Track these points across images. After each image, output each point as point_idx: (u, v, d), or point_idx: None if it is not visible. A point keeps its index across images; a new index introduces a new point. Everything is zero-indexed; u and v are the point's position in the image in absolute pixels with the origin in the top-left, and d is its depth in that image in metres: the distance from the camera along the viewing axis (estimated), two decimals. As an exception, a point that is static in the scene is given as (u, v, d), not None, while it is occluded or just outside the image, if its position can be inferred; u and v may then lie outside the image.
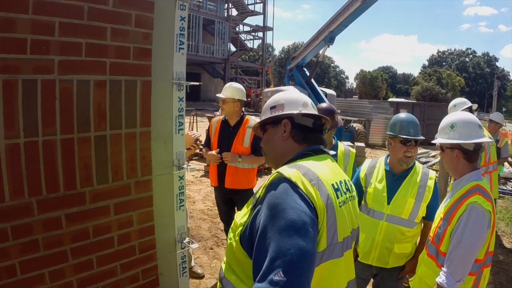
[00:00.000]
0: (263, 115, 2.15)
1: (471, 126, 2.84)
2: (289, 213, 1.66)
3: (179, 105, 2.84)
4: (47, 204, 2.22)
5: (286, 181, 1.76)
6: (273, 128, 2.08)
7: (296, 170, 1.81)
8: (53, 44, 2.14)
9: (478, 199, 2.66)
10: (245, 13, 51.33)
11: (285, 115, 2.04)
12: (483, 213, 2.63)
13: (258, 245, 1.67)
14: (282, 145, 2.04)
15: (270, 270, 1.56)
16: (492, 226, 2.68)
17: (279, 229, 1.63)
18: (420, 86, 64.82)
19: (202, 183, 10.55)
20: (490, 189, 2.81)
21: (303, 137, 2.04)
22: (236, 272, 1.88)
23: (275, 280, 1.53)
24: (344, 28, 14.71)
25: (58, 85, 2.18)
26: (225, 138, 5.20)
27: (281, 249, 1.59)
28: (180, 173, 2.92)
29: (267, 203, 1.72)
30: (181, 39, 2.78)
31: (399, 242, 3.44)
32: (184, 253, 3.05)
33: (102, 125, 2.37)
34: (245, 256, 1.80)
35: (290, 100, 2.10)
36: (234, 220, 1.94)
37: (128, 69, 2.44)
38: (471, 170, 2.84)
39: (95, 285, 2.50)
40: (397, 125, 3.50)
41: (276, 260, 1.57)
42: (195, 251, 6.15)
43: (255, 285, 1.57)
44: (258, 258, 1.64)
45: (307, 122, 2.07)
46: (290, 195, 1.72)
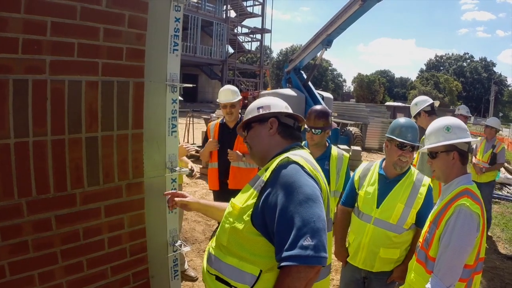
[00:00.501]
0: (249, 115, 2.40)
1: (464, 128, 2.86)
2: (305, 189, 1.94)
3: (173, 107, 2.81)
4: (37, 205, 2.19)
5: (295, 163, 2.05)
6: (260, 125, 2.35)
7: (300, 157, 2.12)
8: (45, 44, 2.12)
9: (466, 201, 2.60)
10: (244, 15, 51.47)
11: (272, 113, 2.34)
12: (471, 215, 2.56)
13: (281, 219, 1.91)
14: (269, 140, 2.32)
15: (298, 237, 1.83)
16: (482, 230, 2.62)
17: (299, 203, 1.90)
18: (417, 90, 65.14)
19: (197, 185, 10.54)
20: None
21: (289, 133, 2.35)
22: (238, 254, 2.06)
23: (305, 245, 1.81)
24: (342, 31, 14.68)
25: (49, 85, 2.15)
26: (226, 141, 5.20)
27: (305, 218, 1.86)
28: (172, 176, 2.90)
29: (282, 182, 1.98)
30: (175, 40, 2.76)
31: (385, 246, 3.43)
32: (176, 256, 3.03)
33: (93, 126, 2.34)
34: (257, 234, 2.01)
35: (275, 103, 2.40)
36: (233, 205, 2.18)
37: (121, 70, 2.42)
38: (462, 174, 2.79)
39: (85, 287, 2.47)
40: (396, 129, 3.52)
41: (302, 229, 1.84)
42: (188, 254, 6.13)
43: (285, 254, 1.83)
44: (283, 231, 1.89)
45: (289, 122, 2.39)
46: (301, 174, 2.01)
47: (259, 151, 2.36)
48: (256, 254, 2.02)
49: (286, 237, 1.86)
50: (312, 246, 1.82)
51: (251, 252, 2.03)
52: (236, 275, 2.05)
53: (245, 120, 2.42)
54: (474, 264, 2.65)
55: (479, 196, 2.70)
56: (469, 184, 2.75)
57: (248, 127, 2.43)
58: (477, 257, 2.66)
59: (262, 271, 2.00)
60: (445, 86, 72.77)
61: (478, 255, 2.66)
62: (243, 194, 2.20)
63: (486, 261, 6.89)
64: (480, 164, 8.36)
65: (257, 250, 2.02)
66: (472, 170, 8.52)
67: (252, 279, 2.00)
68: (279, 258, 1.87)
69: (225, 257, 2.12)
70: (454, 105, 62.72)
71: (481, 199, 2.69)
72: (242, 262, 2.04)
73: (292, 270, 1.83)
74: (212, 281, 2.19)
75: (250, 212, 2.04)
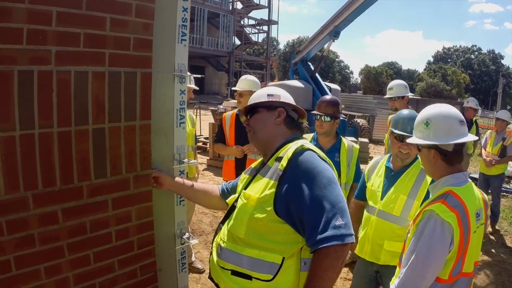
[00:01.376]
0: (258, 99, 2.44)
1: (450, 122, 2.47)
2: (326, 173, 2.06)
3: (181, 98, 2.77)
4: (43, 199, 2.15)
5: (310, 151, 2.15)
6: (267, 112, 2.40)
7: (312, 145, 2.24)
8: (50, 34, 2.07)
9: (438, 208, 2.31)
10: (250, 7, 51.28)
11: (282, 103, 2.40)
12: (442, 225, 2.26)
13: (309, 204, 1.98)
14: (275, 128, 2.37)
15: (330, 219, 1.93)
16: (460, 242, 2.29)
17: (324, 186, 2.00)
18: (425, 83, 64.85)
19: (204, 176, 10.53)
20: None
21: (294, 125, 2.42)
22: (258, 245, 2.10)
23: (338, 224, 1.92)
24: (349, 23, 14.61)
25: (55, 76, 2.10)
26: (243, 132, 5.14)
27: (333, 200, 1.97)
28: (180, 167, 2.87)
29: (303, 168, 2.07)
30: (183, 30, 2.71)
31: (389, 239, 3.40)
32: (183, 249, 3.00)
33: (100, 117, 2.29)
34: (280, 222, 2.07)
35: (284, 94, 2.47)
36: (248, 196, 2.19)
37: (128, 61, 2.37)
38: (451, 172, 2.49)
39: (92, 281, 2.44)
40: (399, 121, 3.50)
41: (332, 210, 1.95)
42: (195, 246, 6.12)
43: (319, 236, 1.91)
44: (313, 215, 1.96)
45: (294, 115, 2.46)
46: (319, 160, 2.12)
47: (262, 137, 2.40)
48: (278, 242, 2.07)
49: (317, 220, 1.94)
50: (344, 225, 1.94)
51: (273, 241, 2.07)
52: (258, 266, 2.07)
53: (253, 103, 2.44)
54: (450, 279, 2.36)
55: (463, 200, 2.35)
56: (455, 186, 2.43)
57: (253, 111, 2.46)
58: (456, 272, 2.36)
59: (285, 258, 2.04)
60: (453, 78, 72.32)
61: (456, 269, 2.36)
62: (256, 185, 2.24)
63: (494, 255, 6.88)
64: (490, 156, 8.28)
65: (279, 238, 2.07)
66: (481, 162, 8.45)
67: (275, 268, 2.04)
68: (314, 241, 1.94)
69: (243, 250, 2.13)
70: (462, 97, 62.42)
71: (465, 205, 2.34)
72: (263, 252, 2.08)
73: (330, 250, 1.91)
74: (227, 276, 2.18)
75: (272, 201, 2.08)
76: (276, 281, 2.03)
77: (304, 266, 2.06)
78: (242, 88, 5.10)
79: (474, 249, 2.42)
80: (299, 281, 2.05)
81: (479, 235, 2.46)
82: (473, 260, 2.47)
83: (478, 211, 2.43)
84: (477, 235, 2.43)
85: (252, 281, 2.08)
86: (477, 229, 2.41)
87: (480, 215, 2.45)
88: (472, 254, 2.42)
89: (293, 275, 2.04)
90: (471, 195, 2.45)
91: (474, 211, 2.38)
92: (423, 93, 59.21)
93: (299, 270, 2.05)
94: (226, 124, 5.33)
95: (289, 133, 2.39)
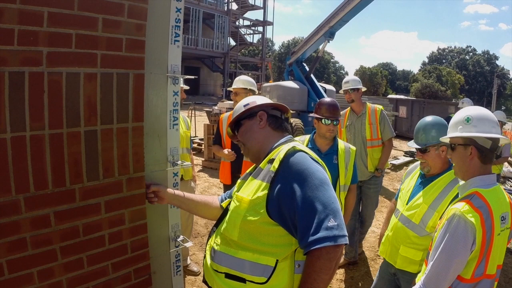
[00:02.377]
0: (237, 113, 2.46)
1: (491, 119, 2.56)
2: (318, 174, 2.04)
3: (174, 99, 2.75)
4: (35, 202, 2.13)
5: (302, 152, 2.13)
6: (249, 121, 2.42)
7: (304, 146, 2.24)
8: (41, 35, 2.04)
9: (463, 207, 2.36)
10: (245, 7, 51.28)
11: (259, 106, 2.41)
12: (465, 224, 2.31)
13: (301, 206, 1.97)
14: (261, 133, 2.38)
15: (322, 220, 1.92)
16: (482, 243, 2.33)
17: (316, 187, 1.99)
18: (419, 83, 65.01)
19: (199, 178, 10.50)
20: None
21: (278, 125, 2.41)
22: (251, 247, 2.09)
23: (330, 226, 1.91)
24: (344, 23, 14.60)
25: (46, 78, 2.08)
26: None
27: (325, 201, 1.96)
28: (174, 170, 2.84)
29: (295, 170, 2.05)
30: (176, 31, 2.69)
31: (405, 245, 3.35)
32: (178, 252, 2.98)
33: (92, 119, 2.27)
34: (273, 224, 2.06)
35: (260, 98, 2.49)
36: (240, 198, 2.18)
37: (120, 62, 2.34)
38: (482, 173, 2.51)
39: (86, 284, 2.42)
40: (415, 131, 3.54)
41: (324, 211, 1.93)
42: (191, 248, 6.09)
43: (311, 238, 1.90)
44: (305, 216, 1.95)
45: (277, 113, 2.46)
46: (311, 161, 2.10)
47: (253, 145, 2.40)
48: (271, 245, 2.06)
49: (309, 222, 1.93)
50: (336, 226, 1.92)
51: (266, 243, 2.06)
52: (251, 268, 2.06)
53: (233, 118, 2.45)
54: (472, 279, 2.41)
55: (488, 202, 2.38)
56: (482, 187, 2.46)
57: (238, 126, 2.47)
58: (479, 272, 2.41)
59: (279, 260, 2.03)
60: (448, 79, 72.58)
61: (479, 270, 2.40)
62: (248, 187, 2.22)
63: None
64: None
65: (273, 240, 2.06)
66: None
67: (269, 271, 2.03)
68: (306, 243, 1.92)
69: (237, 253, 2.12)
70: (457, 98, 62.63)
71: (490, 207, 2.37)
72: (256, 255, 2.06)
73: (322, 252, 1.90)
74: (221, 279, 2.17)
75: (264, 203, 2.07)
76: (270, 284, 2.02)
77: (298, 268, 2.05)
78: (236, 87, 5.11)
79: (497, 251, 2.44)
80: (293, 283, 2.03)
81: (503, 238, 2.46)
82: (496, 263, 2.47)
83: (504, 214, 2.44)
84: (502, 238, 2.44)
85: (246, 284, 2.06)
86: (501, 232, 2.42)
87: (506, 218, 2.46)
88: (496, 256, 2.44)
89: (287, 277, 2.02)
90: (498, 198, 2.47)
91: (499, 213, 2.40)
92: (418, 94, 59.35)
93: (293, 272, 2.04)
94: (223, 125, 5.32)
95: (277, 134, 2.39)
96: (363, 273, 5.95)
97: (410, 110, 23.81)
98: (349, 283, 5.56)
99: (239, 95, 5.10)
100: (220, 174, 5.56)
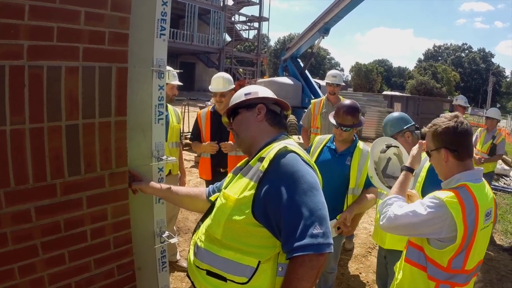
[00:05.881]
0: (236, 100, 2.36)
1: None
2: (307, 178, 1.98)
3: (159, 94, 2.72)
4: (16, 197, 2.11)
5: (293, 153, 2.06)
6: (247, 111, 2.33)
7: (297, 147, 2.15)
8: (22, 28, 2.01)
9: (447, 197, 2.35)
10: (241, 3, 51.13)
11: (260, 98, 2.33)
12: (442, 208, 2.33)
13: (287, 209, 1.92)
14: (257, 126, 2.30)
15: (308, 226, 1.87)
16: (463, 238, 2.32)
17: (304, 192, 1.93)
18: (415, 80, 65.06)
19: (191, 173, 10.49)
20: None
21: (276, 121, 2.34)
22: (234, 247, 2.06)
23: (315, 233, 1.86)
24: (339, 20, 14.54)
25: (27, 71, 2.05)
26: (217, 129, 5.08)
27: (312, 207, 1.91)
28: (159, 165, 2.82)
29: (284, 172, 1.99)
30: (162, 24, 2.65)
31: None
32: (164, 247, 2.96)
33: (74, 113, 2.24)
34: (257, 226, 2.00)
35: (263, 90, 2.39)
36: (227, 196, 2.13)
37: (103, 55, 2.31)
38: (463, 170, 2.51)
39: (68, 280, 2.40)
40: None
41: (310, 217, 1.88)
42: (181, 244, 6.08)
43: (296, 244, 1.86)
44: (290, 221, 1.90)
45: (276, 109, 2.39)
46: (301, 163, 2.03)
47: (246, 137, 2.33)
48: (254, 245, 2.02)
49: (294, 227, 1.89)
50: (322, 234, 1.88)
51: (249, 244, 2.02)
52: (233, 268, 2.03)
53: (231, 105, 2.38)
54: (448, 269, 2.42)
55: (476, 197, 2.38)
56: (472, 182, 2.45)
57: (234, 113, 2.39)
58: (457, 266, 2.41)
59: (261, 262, 1.99)
60: (443, 76, 72.66)
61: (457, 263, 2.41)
62: (236, 185, 2.17)
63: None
64: (479, 154, 8.30)
65: (256, 241, 2.02)
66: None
67: (251, 271, 1.99)
68: (289, 248, 1.89)
69: (219, 251, 2.08)
70: (452, 95, 62.73)
71: (477, 202, 2.37)
72: (239, 254, 2.02)
73: (305, 259, 1.86)
74: (202, 276, 2.14)
75: (250, 204, 2.02)
76: (251, 285, 1.99)
77: (280, 271, 2.01)
78: (224, 89, 5.04)
79: (479, 247, 2.46)
80: (274, 285, 2.00)
81: (486, 233, 2.49)
82: (477, 258, 2.50)
83: (488, 210, 2.46)
84: (484, 234, 2.46)
85: (227, 283, 2.04)
86: (484, 228, 2.44)
87: (490, 214, 2.49)
88: (476, 251, 2.45)
89: (269, 279, 1.99)
90: (485, 194, 2.48)
91: (484, 209, 2.42)
92: (413, 91, 59.35)
93: (275, 275, 2.00)
94: (201, 121, 5.28)
95: (272, 130, 2.31)
96: (354, 269, 5.95)
97: (405, 107, 23.88)
98: (339, 280, 5.55)
99: (227, 96, 5.01)
100: (200, 170, 5.51)
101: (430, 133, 2.60)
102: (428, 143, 2.65)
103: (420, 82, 62.30)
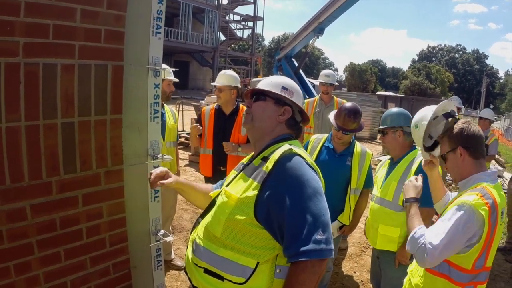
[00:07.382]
0: (270, 87, 2.28)
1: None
2: (312, 182, 1.96)
3: (155, 92, 2.72)
4: (11, 194, 2.11)
5: (298, 156, 2.04)
6: (273, 105, 2.26)
7: (302, 150, 2.15)
8: (18, 25, 2.01)
9: (475, 200, 2.36)
10: (236, 2, 51.01)
11: (292, 102, 2.27)
12: (473, 217, 2.33)
13: (291, 214, 1.90)
14: (274, 123, 2.24)
15: (311, 232, 1.86)
16: (486, 237, 2.37)
17: (309, 197, 1.92)
18: (409, 81, 65.09)
19: (185, 172, 10.46)
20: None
21: (294, 128, 2.30)
22: (233, 246, 2.02)
23: (318, 239, 1.86)
24: (334, 19, 14.56)
25: (23, 69, 2.05)
26: (221, 127, 5.09)
27: (316, 213, 1.90)
28: (154, 163, 2.82)
29: (289, 175, 1.97)
30: (158, 23, 2.65)
31: (383, 223, 3.67)
32: (159, 246, 2.96)
33: (69, 111, 2.24)
34: (258, 227, 1.98)
35: (298, 93, 2.34)
36: (229, 195, 2.09)
37: (99, 53, 2.32)
38: (478, 171, 2.56)
39: (63, 278, 2.40)
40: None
41: (314, 223, 1.88)
42: (175, 242, 6.07)
43: (300, 249, 1.84)
44: (294, 225, 1.89)
45: (298, 117, 2.32)
46: (306, 167, 2.01)
47: (259, 127, 2.25)
48: (254, 246, 2.00)
49: (298, 232, 1.88)
50: (325, 240, 1.88)
51: (249, 244, 2.00)
52: (231, 268, 2.01)
53: (263, 88, 2.29)
54: (473, 271, 2.46)
55: (496, 198, 2.41)
56: (489, 183, 2.50)
57: (259, 96, 2.32)
58: (479, 265, 2.46)
59: (259, 263, 1.98)
60: (437, 77, 72.76)
61: (480, 262, 2.45)
62: (238, 184, 2.14)
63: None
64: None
65: (256, 242, 2.00)
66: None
67: (248, 272, 1.98)
68: (292, 253, 1.88)
69: (218, 250, 2.07)
70: (446, 96, 62.90)
71: (497, 202, 2.41)
72: (237, 254, 2.01)
73: (308, 264, 1.86)
74: (200, 274, 2.13)
75: (252, 204, 1.99)
76: (248, 285, 1.98)
77: (278, 273, 2.00)
78: (221, 83, 5.04)
79: (495, 243, 2.51)
80: (272, 287, 1.99)
81: (500, 230, 2.54)
82: (494, 255, 2.55)
83: (503, 208, 2.52)
84: (499, 230, 2.52)
85: (224, 282, 2.02)
86: (500, 225, 2.51)
87: (504, 213, 2.56)
88: (494, 248, 2.51)
89: (266, 281, 1.98)
90: (501, 193, 2.53)
91: (501, 208, 2.47)
92: (407, 91, 59.45)
93: (273, 276, 1.99)
94: (205, 118, 5.27)
95: (286, 131, 2.27)
96: (348, 268, 5.96)
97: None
98: (334, 279, 5.56)
99: (223, 91, 5.03)
100: (200, 166, 5.48)
101: (446, 137, 2.68)
102: (443, 147, 2.71)
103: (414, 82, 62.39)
